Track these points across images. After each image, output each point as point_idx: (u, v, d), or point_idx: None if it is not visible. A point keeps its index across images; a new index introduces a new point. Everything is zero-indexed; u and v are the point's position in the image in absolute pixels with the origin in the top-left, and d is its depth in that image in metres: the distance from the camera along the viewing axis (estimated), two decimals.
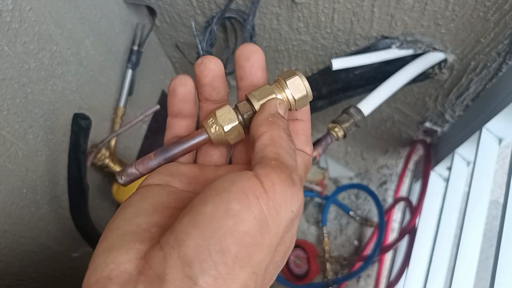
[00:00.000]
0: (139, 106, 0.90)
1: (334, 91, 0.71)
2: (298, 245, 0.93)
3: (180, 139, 0.30)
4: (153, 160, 0.30)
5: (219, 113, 0.30)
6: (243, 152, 0.33)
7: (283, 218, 0.22)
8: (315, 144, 0.60)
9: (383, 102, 0.61)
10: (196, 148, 0.31)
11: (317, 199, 0.99)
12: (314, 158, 0.60)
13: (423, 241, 0.71)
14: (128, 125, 0.66)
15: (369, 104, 0.61)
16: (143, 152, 0.96)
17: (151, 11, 0.79)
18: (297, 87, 0.30)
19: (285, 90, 0.30)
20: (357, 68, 0.66)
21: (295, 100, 0.30)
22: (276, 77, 0.31)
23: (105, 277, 0.22)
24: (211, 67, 0.30)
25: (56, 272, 0.78)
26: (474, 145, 0.62)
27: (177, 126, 0.32)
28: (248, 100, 0.31)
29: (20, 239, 0.65)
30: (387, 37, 0.64)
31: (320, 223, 0.97)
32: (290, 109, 0.31)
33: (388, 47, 0.64)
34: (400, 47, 0.63)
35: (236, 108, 0.31)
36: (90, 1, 0.66)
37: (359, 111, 0.60)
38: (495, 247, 0.50)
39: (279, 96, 0.30)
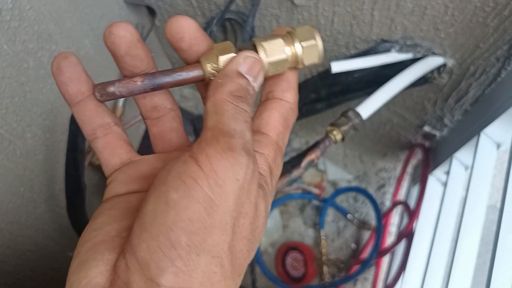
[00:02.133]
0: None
1: (333, 93, 0.71)
2: (295, 248, 0.93)
3: (172, 70, 0.27)
4: (138, 85, 0.26)
5: (217, 45, 0.28)
6: None
7: (229, 190, 0.21)
8: (313, 147, 0.60)
9: (382, 106, 0.61)
10: (187, 84, 0.28)
11: (315, 202, 0.99)
12: (312, 161, 0.60)
13: (420, 245, 0.71)
14: (126, 125, 0.66)
15: (367, 107, 0.61)
16: (142, 151, 0.96)
17: (151, 11, 0.79)
18: (312, 53, 0.28)
19: (297, 53, 0.28)
20: (357, 71, 0.66)
21: (303, 65, 0.28)
22: (293, 29, 0.28)
23: None
24: (122, 34, 0.27)
25: (53, 271, 0.78)
26: (472, 150, 0.62)
27: None
28: (254, 46, 0.28)
29: (17, 238, 0.65)
30: (386, 41, 0.64)
31: (317, 225, 0.97)
32: (295, 68, 0.29)
33: (388, 50, 0.64)
34: (400, 51, 0.63)
35: (238, 51, 0.27)
36: (90, 0, 0.66)
37: (358, 115, 0.60)
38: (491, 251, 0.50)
39: (289, 54, 0.27)
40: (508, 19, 0.52)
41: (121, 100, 0.79)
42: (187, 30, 0.27)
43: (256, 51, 0.27)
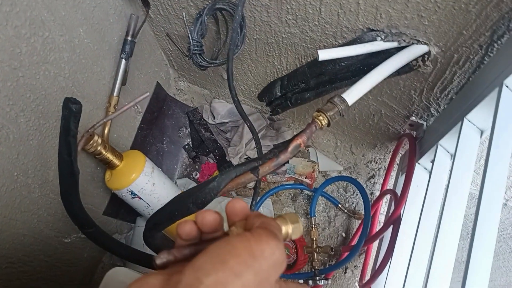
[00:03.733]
0: (134, 97, 0.91)
1: (321, 83, 0.73)
2: None
3: (207, 239, 0.38)
4: (186, 249, 0.36)
5: (234, 229, 0.38)
6: None
7: (266, 256, 0.30)
8: (300, 132, 0.61)
9: (367, 92, 0.63)
10: None
11: (307, 192, 1.01)
12: (299, 146, 0.61)
13: (407, 231, 0.72)
14: (118, 111, 0.67)
15: (353, 94, 0.62)
16: (137, 142, 0.98)
17: (145, 2, 0.80)
18: (297, 231, 0.39)
19: (288, 230, 0.38)
20: (344, 60, 0.67)
21: (290, 238, 0.39)
22: (283, 215, 0.39)
23: (138, 286, 0.30)
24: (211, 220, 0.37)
25: (47, 257, 0.79)
26: (456, 136, 0.63)
27: None
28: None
29: (10, 221, 0.67)
30: (372, 30, 0.65)
31: (309, 214, 0.98)
32: (284, 239, 0.39)
33: (374, 39, 0.65)
34: (385, 39, 0.64)
35: None
36: None
37: (343, 100, 0.61)
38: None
39: (283, 229, 0.38)
40: (489, 4, 0.53)
41: (116, 89, 0.80)
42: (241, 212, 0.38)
43: None
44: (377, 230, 0.86)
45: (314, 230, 0.92)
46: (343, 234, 0.97)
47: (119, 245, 0.77)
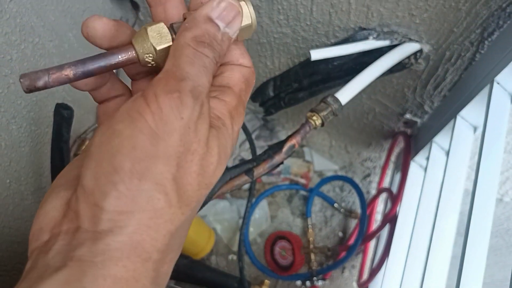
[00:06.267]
0: None
1: (314, 82, 0.73)
2: (283, 237, 0.94)
3: (103, 54, 0.26)
4: (70, 78, 0.25)
5: (151, 30, 0.26)
6: None
7: (174, 126, 0.22)
8: (294, 133, 0.61)
9: (360, 91, 0.63)
10: (121, 67, 0.27)
11: (303, 192, 1.01)
12: (293, 146, 0.61)
13: (403, 229, 0.73)
14: None
15: (346, 93, 0.62)
16: None
17: (134, 5, 0.80)
18: (244, 15, 0.27)
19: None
20: (336, 59, 0.67)
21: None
22: None
23: (38, 229, 0.24)
24: (98, 27, 0.27)
25: None
26: (450, 133, 0.64)
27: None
28: (185, 19, 0.26)
29: (4, 229, 0.66)
30: (364, 29, 0.65)
31: (305, 215, 0.98)
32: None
33: (366, 38, 0.65)
34: (377, 38, 0.65)
35: (171, 28, 0.26)
36: None
37: (337, 100, 0.61)
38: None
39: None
40: (479, 2, 0.53)
41: None
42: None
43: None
44: (373, 228, 0.86)
45: (310, 230, 0.92)
46: (340, 234, 0.97)
47: None
